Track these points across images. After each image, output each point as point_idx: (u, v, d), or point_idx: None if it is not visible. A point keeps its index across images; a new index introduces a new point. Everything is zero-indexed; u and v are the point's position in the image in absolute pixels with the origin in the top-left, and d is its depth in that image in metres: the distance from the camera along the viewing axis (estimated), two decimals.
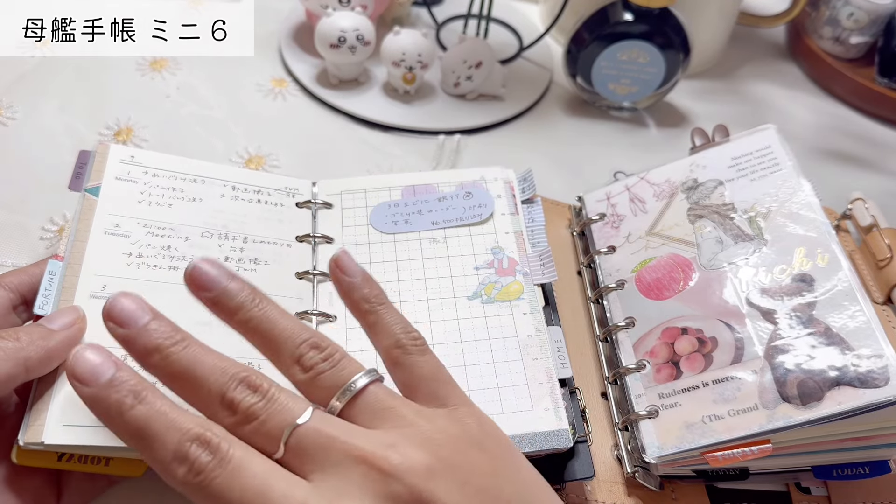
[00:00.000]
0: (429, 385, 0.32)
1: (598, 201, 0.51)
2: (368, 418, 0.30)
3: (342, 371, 0.31)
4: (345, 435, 0.29)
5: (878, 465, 0.39)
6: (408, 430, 0.29)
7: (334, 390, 0.30)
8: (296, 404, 0.29)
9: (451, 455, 0.29)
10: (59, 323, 0.35)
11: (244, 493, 0.27)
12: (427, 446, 0.29)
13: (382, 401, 0.30)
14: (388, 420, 0.30)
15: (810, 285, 0.41)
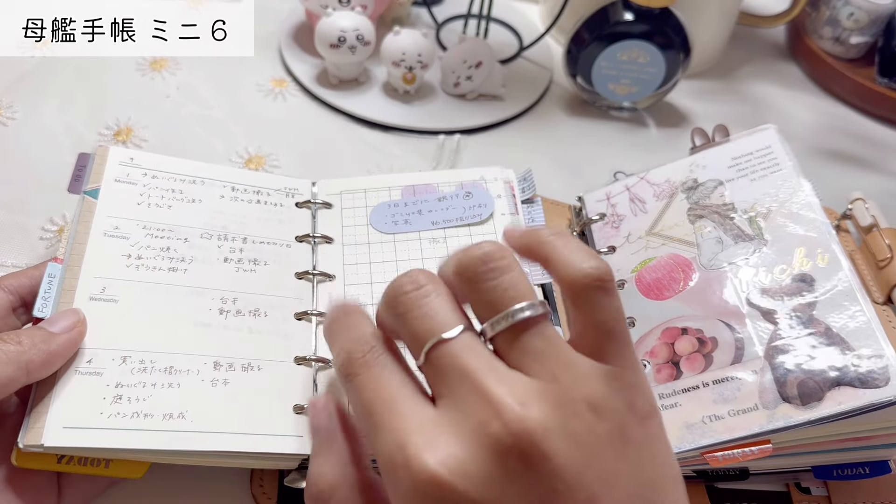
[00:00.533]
0: (601, 334, 0.28)
1: (598, 201, 0.51)
2: (517, 354, 0.28)
3: (505, 291, 0.28)
4: (483, 370, 0.27)
5: (879, 465, 0.39)
6: (549, 386, 0.27)
7: (493, 309, 0.28)
8: (451, 315, 0.28)
9: (581, 426, 0.26)
10: (59, 326, 0.35)
11: (375, 396, 0.28)
12: (558, 410, 0.26)
13: (537, 342, 0.28)
14: (534, 364, 0.27)
15: (810, 285, 0.41)
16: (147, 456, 0.35)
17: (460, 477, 0.25)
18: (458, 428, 0.26)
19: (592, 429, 0.26)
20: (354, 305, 0.32)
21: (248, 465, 0.38)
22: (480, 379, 0.26)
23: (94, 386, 0.35)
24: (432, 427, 0.26)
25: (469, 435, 0.26)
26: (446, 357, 0.27)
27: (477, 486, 0.25)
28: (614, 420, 0.27)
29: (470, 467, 0.25)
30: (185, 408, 0.35)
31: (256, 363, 0.38)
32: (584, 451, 0.26)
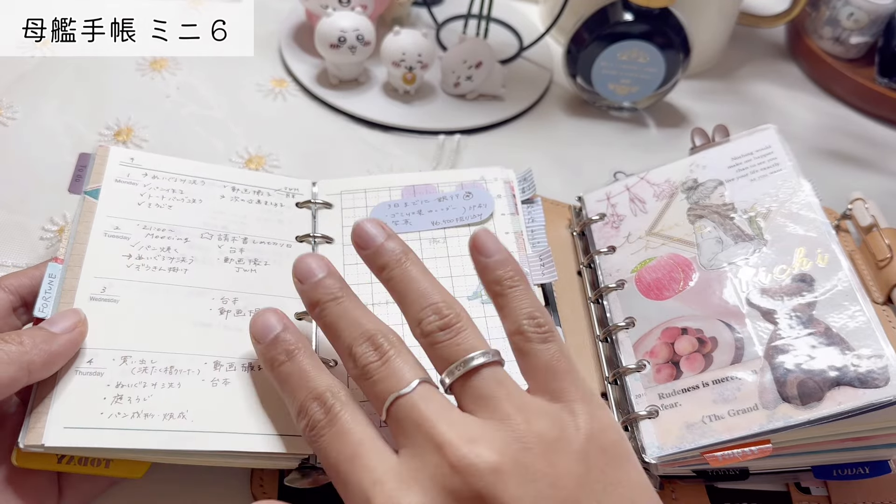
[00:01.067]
0: (544, 376, 0.31)
1: (598, 201, 0.51)
2: (471, 400, 0.30)
3: (458, 345, 0.31)
4: (436, 417, 0.29)
5: (878, 465, 0.39)
6: (499, 424, 0.29)
7: (448, 362, 0.31)
8: (409, 373, 0.31)
9: (534, 460, 0.28)
10: (60, 326, 0.35)
11: (339, 455, 0.30)
12: (508, 447, 0.28)
13: (489, 386, 0.30)
14: (487, 408, 0.30)
15: (810, 285, 0.41)
16: (147, 456, 0.35)
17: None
18: (417, 475, 0.28)
19: (550, 462, 0.28)
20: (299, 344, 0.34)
21: (249, 464, 0.38)
22: (433, 424, 0.29)
23: (95, 386, 0.35)
24: (394, 477, 0.28)
25: (427, 481, 0.28)
26: (403, 409, 0.30)
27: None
28: (570, 452, 0.28)
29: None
30: (185, 408, 0.35)
31: (257, 363, 0.38)
32: (540, 486, 0.27)
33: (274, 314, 0.35)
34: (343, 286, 0.35)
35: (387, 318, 0.41)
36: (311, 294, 0.35)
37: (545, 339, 0.32)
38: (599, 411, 0.30)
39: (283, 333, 0.34)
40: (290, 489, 0.36)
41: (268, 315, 0.35)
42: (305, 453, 0.36)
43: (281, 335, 0.34)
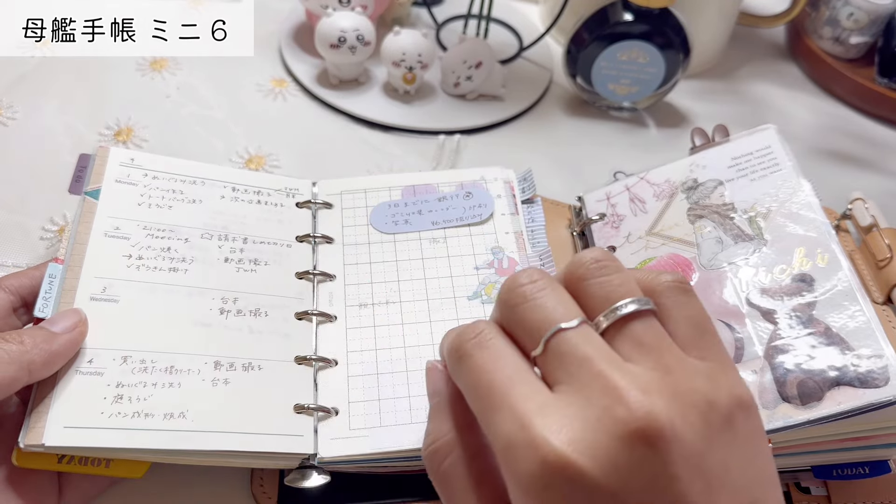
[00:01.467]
0: (693, 332, 0.29)
1: (598, 201, 0.51)
2: (629, 348, 0.28)
3: (616, 287, 0.29)
4: (603, 359, 0.27)
5: (878, 465, 0.40)
6: (666, 378, 0.27)
7: (606, 303, 0.29)
8: (566, 308, 0.29)
9: (697, 418, 0.26)
10: (61, 326, 0.35)
11: (492, 377, 0.28)
12: (678, 399, 0.26)
13: (648, 335, 0.28)
14: (648, 358, 0.28)
15: (810, 285, 0.41)
16: (148, 455, 0.35)
17: (588, 459, 0.25)
18: (582, 412, 0.26)
19: (708, 420, 0.26)
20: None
21: (249, 464, 0.38)
22: (602, 368, 0.27)
23: (95, 386, 0.35)
24: (555, 410, 0.26)
25: (594, 419, 0.26)
26: (565, 345, 0.28)
27: (604, 469, 0.25)
28: (725, 414, 0.27)
29: (597, 450, 0.25)
30: (185, 407, 0.35)
31: (257, 363, 0.38)
32: (702, 441, 0.26)
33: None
34: None
35: (387, 318, 0.42)
36: None
37: (691, 291, 0.30)
38: (738, 378, 0.29)
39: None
40: (291, 489, 0.36)
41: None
42: (304, 454, 0.36)
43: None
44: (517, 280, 0.30)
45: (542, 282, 0.29)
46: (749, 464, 0.27)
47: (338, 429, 0.37)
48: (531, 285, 0.29)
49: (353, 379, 0.39)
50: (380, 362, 0.40)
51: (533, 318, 0.29)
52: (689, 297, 0.30)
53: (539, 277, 0.30)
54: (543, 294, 0.29)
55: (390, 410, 0.38)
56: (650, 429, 0.25)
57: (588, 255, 0.30)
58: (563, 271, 0.31)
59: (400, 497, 0.38)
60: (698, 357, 0.29)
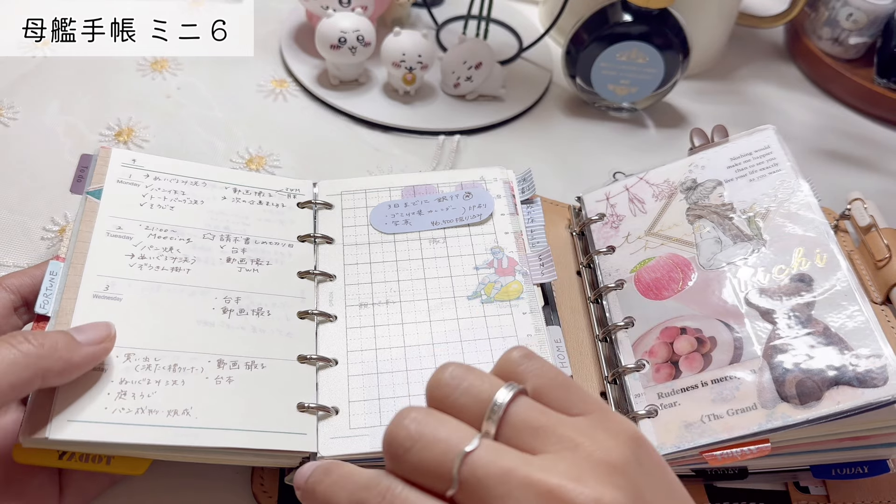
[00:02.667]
0: (561, 391, 0.29)
1: (597, 201, 0.51)
2: (528, 438, 0.27)
3: (483, 387, 0.28)
4: (522, 465, 0.25)
5: (877, 464, 0.40)
6: (577, 453, 0.26)
7: (480, 409, 0.27)
8: (458, 433, 0.27)
9: (628, 483, 0.26)
10: (87, 336, 0.34)
11: None
12: (610, 476, 0.26)
13: (534, 416, 0.27)
14: (549, 440, 0.27)
15: (809, 285, 0.41)
16: (150, 452, 0.35)
17: None
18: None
19: (627, 473, 0.26)
20: (334, 462, 0.30)
21: (251, 462, 0.38)
22: (526, 474, 0.25)
23: (99, 381, 0.35)
24: None
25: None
26: (480, 469, 0.25)
27: None
28: (630, 457, 0.27)
29: None
30: (189, 404, 0.35)
31: (260, 361, 0.38)
32: (635, 495, 0.26)
33: None
34: None
35: (387, 317, 0.42)
36: None
37: (532, 356, 0.30)
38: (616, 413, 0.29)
39: None
40: (291, 488, 0.37)
41: None
42: (306, 452, 0.36)
43: None
44: (395, 431, 0.27)
45: (420, 419, 0.27)
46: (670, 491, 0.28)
47: (338, 428, 0.37)
48: (412, 425, 0.27)
49: (353, 378, 0.39)
50: (380, 362, 0.40)
51: (430, 456, 0.26)
52: (537, 361, 0.29)
53: (418, 415, 0.27)
54: (428, 429, 0.27)
55: (390, 410, 0.38)
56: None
57: (441, 375, 0.28)
58: (427, 399, 0.29)
59: None
60: (580, 414, 0.28)
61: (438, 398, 0.28)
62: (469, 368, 0.29)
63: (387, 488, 0.26)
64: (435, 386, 0.28)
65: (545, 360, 0.30)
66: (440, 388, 0.28)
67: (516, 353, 0.29)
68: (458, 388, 0.28)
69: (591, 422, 0.28)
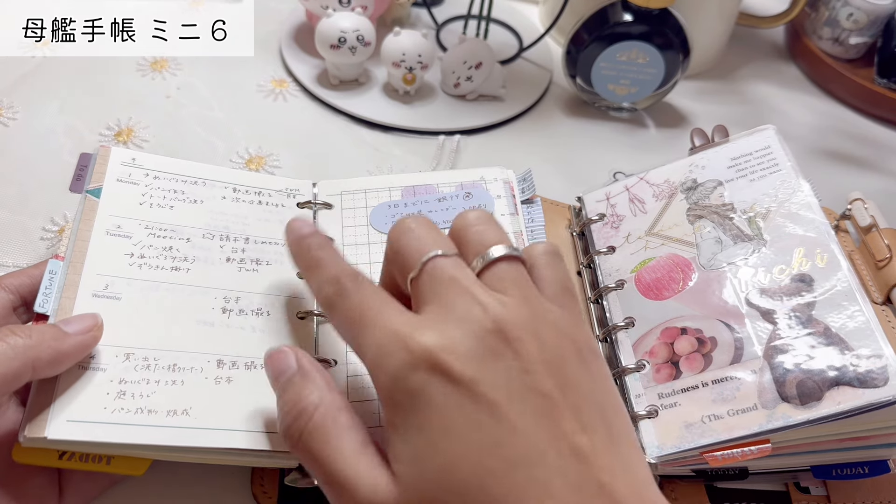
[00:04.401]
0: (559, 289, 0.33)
1: (597, 201, 0.51)
2: (495, 282, 0.31)
3: (493, 236, 0.33)
4: (470, 281, 0.31)
5: (878, 464, 0.40)
6: (524, 304, 0.30)
7: (479, 249, 0.32)
8: (444, 243, 0.32)
9: (548, 335, 0.30)
10: (74, 327, 0.34)
11: (366, 307, 0.31)
12: (532, 317, 0.30)
13: (513, 274, 0.32)
14: (510, 289, 0.31)
15: (809, 285, 0.41)
16: (150, 452, 0.35)
17: (449, 351, 0.28)
18: (444, 319, 0.30)
19: (558, 341, 0.30)
20: (325, 239, 0.36)
21: (251, 462, 0.38)
22: (468, 286, 0.30)
23: (98, 381, 0.35)
24: (421, 322, 0.30)
25: (455, 321, 0.29)
26: (439, 270, 0.31)
27: (463, 360, 0.28)
28: (574, 344, 0.31)
29: (457, 344, 0.29)
30: (188, 405, 0.35)
31: (259, 361, 0.38)
32: (552, 352, 0.30)
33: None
34: None
35: None
36: None
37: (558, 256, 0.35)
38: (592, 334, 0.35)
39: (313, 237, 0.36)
40: (291, 488, 0.37)
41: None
42: None
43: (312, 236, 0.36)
44: (404, 220, 0.33)
45: (424, 223, 0.33)
46: (601, 391, 0.30)
47: None
48: (414, 222, 0.33)
49: (352, 379, 0.39)
50: None
51: (414, 245, 0.32)
52: (558, 260, 0.34)
53: (424, 221, 0.33)
54: (424, 230, 0.33)
55: None
56: (505, 325, 0.29)
57: (471, 213, 0.34)
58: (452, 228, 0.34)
59: None
60: (558, 306, 0.32)
61: (459, 227, 0.34)
62: (497, 223, 0.34)
63: (356, 274, 0.33)
64: (462, 218, 0.34)
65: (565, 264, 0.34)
66: (464, 220, 0.34)
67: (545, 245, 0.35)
68: (476, 224, 0.33)
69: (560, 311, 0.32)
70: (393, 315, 0.30)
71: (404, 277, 0.32)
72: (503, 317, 0.29)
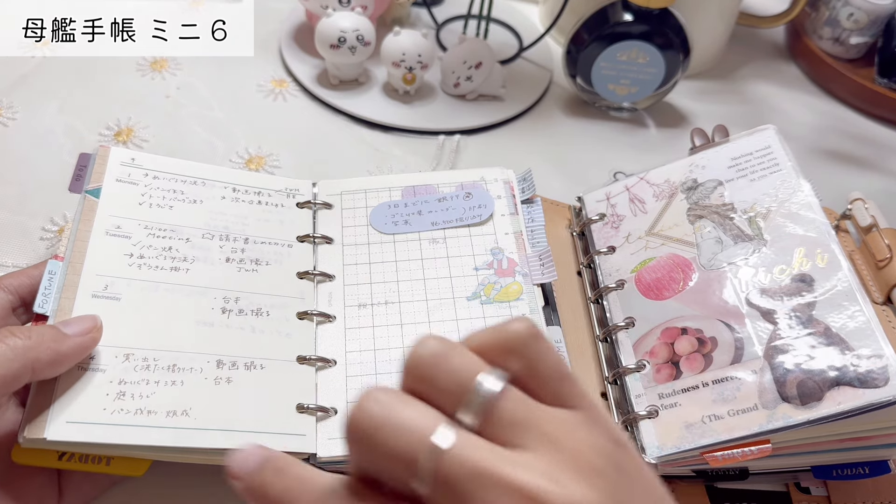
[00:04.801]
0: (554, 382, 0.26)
1: (597, 201, 0.51)
2: (507, 433, 0.25)
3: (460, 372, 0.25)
4: (498, 462, 0.24)
5: (878, 465, 0.40)
6: (558, 454, 0.25)
7: (458, 394, 0.25)
8: (430, 419, 0.24)
9: (607, 485, 0.25)
10: (74, 329, 0.34)
11: None
12: (588, 478, 0.24)
13: (519, 411, 0.25)
14: (530, 437, 0.25)
15: (810, 285, 0.41)
16: (149, 453, 0.35)
17: None
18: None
19: (607, 476, 0.25)
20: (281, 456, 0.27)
21: None
22: (502, 473, 0.23)
23: (97, 382, 0.35)
24: None
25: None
26: (452, 464, 0.23)
27: None
28: (611, 460, 0.26)
29: None
30: (188, 405, 0.35)
31: (259, 362, 0.38)
32: (612, 499, 0.25)
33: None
34: None
35: (386, 318, 0.42)
36: None
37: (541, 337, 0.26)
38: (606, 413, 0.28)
39: None
40: None
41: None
42: (306, 453, 0.36)
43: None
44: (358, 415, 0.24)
45: (386, 401, 0.24)
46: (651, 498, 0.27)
47: (335, 429, 0.37)
48: (376, 408, 0.24)
49: (351, 379, 0.39)
50: (378, 363, 0.40)
51: (396, 445, 0.23)
52: (544, 343, 0.26)
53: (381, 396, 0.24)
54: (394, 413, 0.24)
55: None
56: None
57: (421, 351, 0.25)
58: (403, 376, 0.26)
59: None
60: (569, 408, 0.26)
61: (416, 377, 0.25)
62: (451, 345, 0.26)
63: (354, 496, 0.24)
64: (413, 364, 0.25)
65: (551, 344, 0.27)
66: (419, 366, 0.25)
67: (523, 328, 0.26)
68: (439, 367, 0.25)
69: (577, 419, 0.26)
70: None
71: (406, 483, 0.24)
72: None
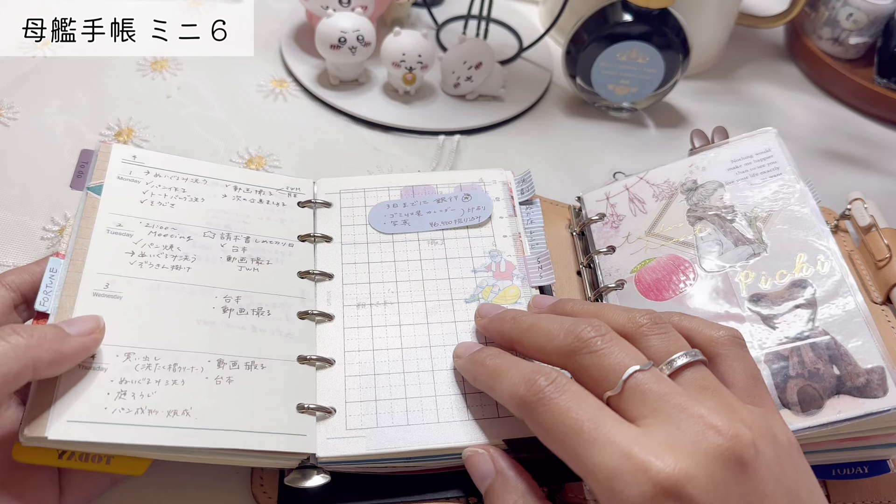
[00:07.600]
0: (748, 381, 0.33)
1: (597, 201, 0.51)
2: (695, 390, 0.31)
3: (672, 342, 0.33)
4: (680, 394, 0.30)
5: (877, 464, 0.40)
6: (733, 413, 0.30)
7: (661, 356, 0.33)
8: (635, 354, 0.32)
9: (770, 449, 0.30)
10: (76, 329, 0.34)
11: (580, 416, 0.30)
12: (755, 430, 0.30)
13: (707, 380, 0.32)
14: (712, 398, 0.31)
15: (811, 291, 0.41)
16: (150, 452, 0.35)
17: (691, 479, 0.28)
18: (674, 439, 0.29)
19: (777, 448, 0.30)
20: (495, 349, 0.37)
21: (251, 463, 0.38)
22: (681, 401, 0.30)
23: (98, 381, 0.35)
24: (649, 439, 0.29)
25: (688, 443, 0.29)
26: (644, 384, 0.31)
27: (706, 488, 0.28)
28: (786, 447, 0.31)
29: (698, 471, 0.28)
30: (189, 405, 0.35)
31: (260, 361, 0.38)
32: (778, 464, 0.30)
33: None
34: None
35: (385, 318, 0.42)
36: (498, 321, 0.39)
37: (743, 344, 0.34)
38: (786, 426, 0.33)
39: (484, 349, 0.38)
40: (291, 489, 0.37)
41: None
42: (306, 453, 0.36)
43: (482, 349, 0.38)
44: (584, 332, 0.33)
45: (608, 335, 0.33)
46: (812, 492, 0.31)
47: (335, 429, 0.37)
48: (599, 338, 0.33)
49: (350, 379, 0.39)
50: (377, 363, 0.40)
51: (607, 363, 0.32)
52: (744, 349, 0.34)
53: (606, 331, 0.33)
54: (612, 344, 0.33)
55: (387, 411, 0.38)
56: (741, 448, 0.29)
57: (641, 317, 0.34)
58: (615, 325, 0.34)
59: (400, 496, 0.38)
60: (751, 403, 0.32)
61: (632, 332, 0.34)
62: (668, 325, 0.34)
63: (557, 376, 0.32)
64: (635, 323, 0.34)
65: (748, 350, 0.35)
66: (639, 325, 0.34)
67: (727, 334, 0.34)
68: (655, 332, 0.34)
69: (757, 410, 0.32)
70: (614, 429, 0.30)
71: (599, 393, 0.32)
72: (735, 435, 0.29)
